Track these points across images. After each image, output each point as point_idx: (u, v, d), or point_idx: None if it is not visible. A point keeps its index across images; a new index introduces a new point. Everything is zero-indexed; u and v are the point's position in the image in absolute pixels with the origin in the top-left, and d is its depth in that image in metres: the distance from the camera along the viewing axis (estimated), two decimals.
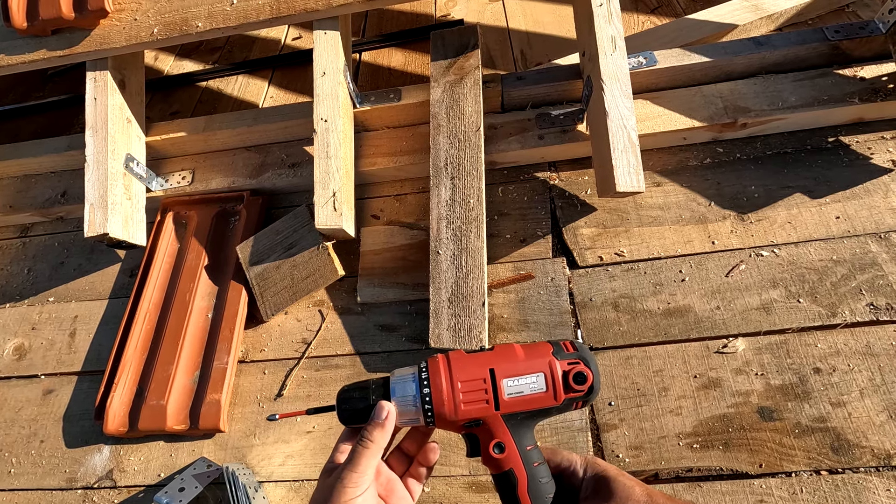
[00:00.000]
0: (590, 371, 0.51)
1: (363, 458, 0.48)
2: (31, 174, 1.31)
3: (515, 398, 0.51)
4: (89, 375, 1.07)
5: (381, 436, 0.49)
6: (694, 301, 0.92)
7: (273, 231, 1.07)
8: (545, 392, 0.51)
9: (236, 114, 1.23)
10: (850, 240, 0.92)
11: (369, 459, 0.48)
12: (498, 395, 0.51)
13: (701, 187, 1.02)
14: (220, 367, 0.98)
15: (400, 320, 1.00)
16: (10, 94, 1.77)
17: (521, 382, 0.51)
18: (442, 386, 0.51)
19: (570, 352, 0.53)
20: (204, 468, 0.90)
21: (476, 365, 0.52)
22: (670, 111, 1.05)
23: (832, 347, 0.84)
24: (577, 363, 0.51)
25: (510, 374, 0.51)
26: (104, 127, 1.08)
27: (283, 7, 1.02)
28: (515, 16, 1.52)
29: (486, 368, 0.51)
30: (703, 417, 0.83)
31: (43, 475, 0.97)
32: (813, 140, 1.03)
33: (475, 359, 0.52)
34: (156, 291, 1.09)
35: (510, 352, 0.53)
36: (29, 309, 1.17)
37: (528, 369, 0.51)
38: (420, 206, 1.13)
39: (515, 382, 0.51)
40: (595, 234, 1.02)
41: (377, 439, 0.49)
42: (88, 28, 1.07)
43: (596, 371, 0.52)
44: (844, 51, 1.04)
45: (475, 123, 1.03)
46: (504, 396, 0.50)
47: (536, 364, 0.51)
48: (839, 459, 0.76)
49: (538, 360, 0.52)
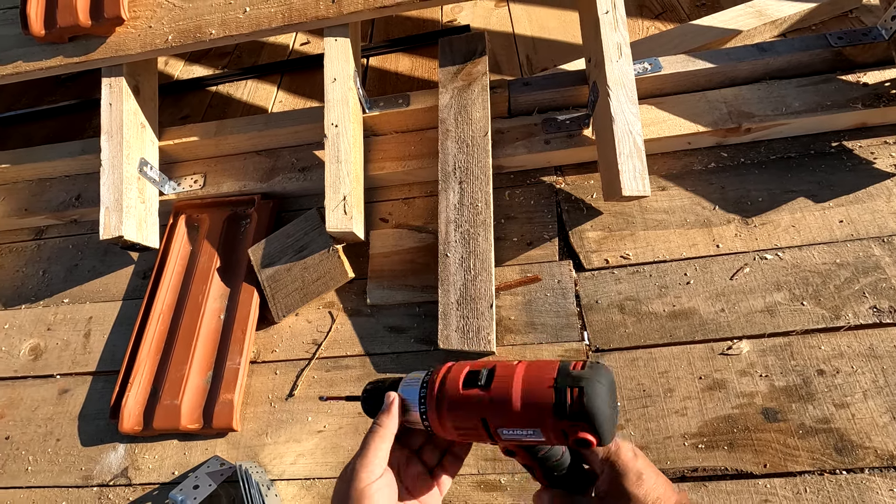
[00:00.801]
0: (593, 435, 0.43)
1: (372, 443, 0.49)
2: (45, 178, 1.34)
3: (513, 440, 0.47)
4: (104, 375, 1.09)
5: (388, 420, 0.50)
6: (699, 303, 0.93)
7: (284, 234, 1.09)
8: (544, 440, 0.46)
9: (247, 118, 1.25)
10: (853, 243, 0.93)
11: (378, 444, 0.49)
12: (493, 435, 0.47)
13: (705, 191, 1.04)
14: (232, 368, 1.00)
15: (409, 322, 1.02)
16: (24, 98, 1.80)
17: (518, 433, 0.46)
18: (435, 420, 0.49)
19: (573, 409, 0.43)
20: (217, 466, 0.92)
21: (469, 408, 0.47)
22: (675, 116, 1.06)
23: (836, 350, 0.85)
24: (579, 426, 0.43)
25: (504, 426, 0.46)
26: (119, 132, 1.11)
27: (295, 15, 1.04)
28: (521, 21, 1.54)
29: (478, 418, 0.47)
30: (708, 418, 0.84)
31: (59, 473, 0.99)
32: (816, 145, 1.05)
33: (468, 400, 0.47)
34: (169, 293, 1.11)
35: (506, 394, 0.46)
36: (44, 310, 1.20)
37: (523, 424, 0.45)
38: (428, 209, 1.15)
39: (511, 432, 0.46)
40: (601, 237, 1.03)
41: (385, 423, 0.50)
42: (104, 35, 1.10)
43: (603, 429, 0.43)
44: (847, 57, 1.05)
45: (483, 128, 1.04)
46: (502, 437, 0.47)
47: (532, 419, 0.45)
48: (843, 460, 0.77)
49: (534, 415, 0.44)
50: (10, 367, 1.13)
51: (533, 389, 0.45)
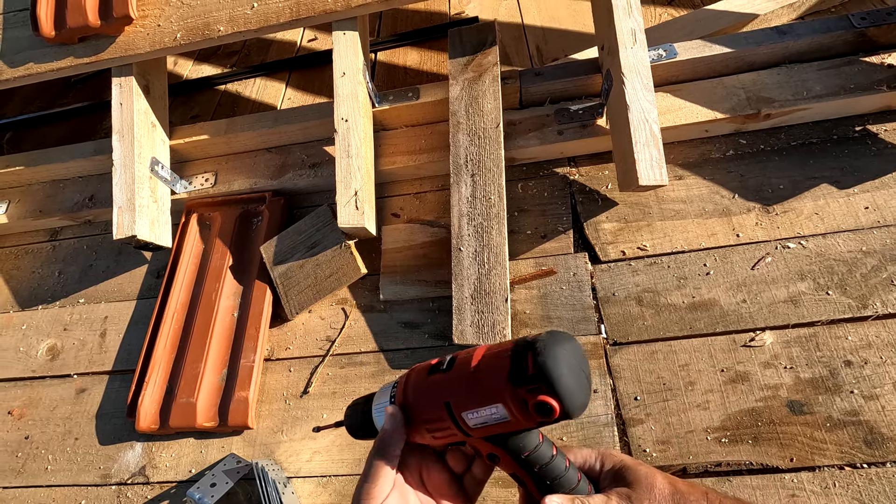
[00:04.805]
0: (554, 399, 0.40)
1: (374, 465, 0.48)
2: (59, 179, 1.35)
3: (482, 428, 0.44)
4: (120, 374, 1.09)
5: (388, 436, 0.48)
6: (719, 294, 0.91)
7: (296, 231, 1.08)
8: (510, 420, 0.43)
9: (257, 116, 1.24)
10: (879, 230, 0.90)
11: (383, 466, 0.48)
12: (462, 427, 0.45)
13: (724, 180, 1.01)
14: (247, 366, 0.99)
15: (422, 317, 1.01)
16: (37, 101, 1.81)
17: (483, 414, 0.43)
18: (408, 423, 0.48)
19: (529, 372, 0.41)
20: (234, 464, 0.92)
21: (432, 398, 0.46)
22: (691, 103, 1.04)
23: (863, 340, 0.83)
24: (538, 389, 0.40)
25: (467, 407, 0.44)
26: (130, 131, 1.11)
27: (303, 9, 1.03)
28: (530, 11, 1.52)
29: (442, 402, 0.45)
30: (731, 412, 0.82)
31: (78, 472, 1.00)
32: (839, 130, 1.02)
33: (432, 387, 0.46)
34: (182, 292, 1.11)
35: (465, 372, 0.45)
36: (60, 310, 1.21)
37: (485, 400, 0.43)
38: (439, 203, 1.13)
39: (476, 414, 0.43)
40: (617, 228, 1.01)
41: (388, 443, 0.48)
42: (114, 35, 1.10)
43: (566, 392, 0.40)
44: (871, 38, 1.02)
45: (494, 120, 1.03)
46: (470, 426, 0.44)
47: (492, 393, 0.43)
48: (873, 453, 0.75)
49: (493, 387, 0.43)
50: (28, 368, 1.15)
51: (490, 362, 0.44)
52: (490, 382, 0.43)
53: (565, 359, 0.41)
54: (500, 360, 0.43)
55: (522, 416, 0.42)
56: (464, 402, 0.44)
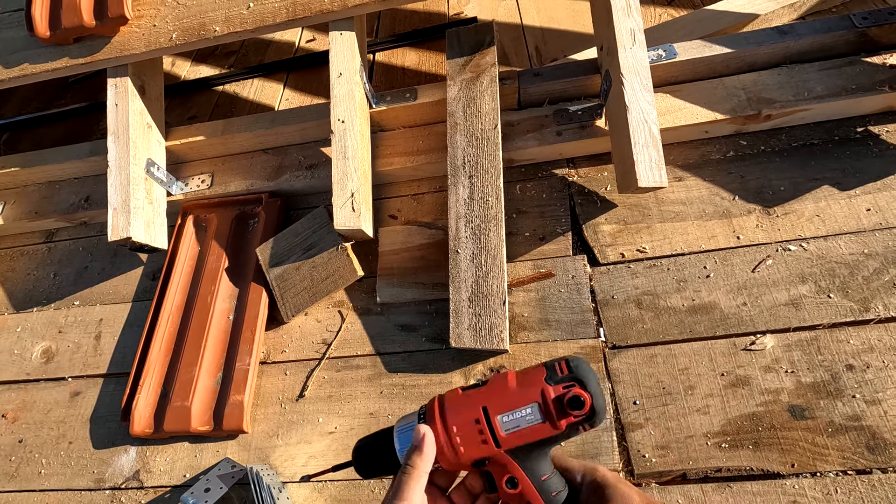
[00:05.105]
0: (587, 393, 0.47)
1: (406, 485, 0.48)
2: (55, 180, 1.34)
3: (513, 433, 0.48)
4: (115, 378, 1.08)
5: (421, 460, 0.49)
6: (719, 297, 0.90)
7: (292, 233, 1.07)
8: (542, 423, 0.48)
9: (253, 117, 1.24)
10: (881, 232, 0.89)
11: (413, 486, 0.48)
12: (495, 433, 0.49)
13: (724, 181, 1.00)
14: (242, 369, 0.98)
15: (420, 320, 1.00)
16: (34, 102, 1.80)
17: (517, 416, 0.48)
18: (438, 432, 0.50)
19: (563, 374, 0.49)
20: (228, 469, 0.91)
21: (469, 406, 0.50)
22: (691, 104, 1.03)
23: (865, 343, 0.81)
24: (572, 385, 0.48)
25: (503, 410, 0.49)
26: (125, 132, 1.10)
27: (299, 9, 1.02)
28: (529, 12, 1.51)
29: (479, 408, 0.49)
30: (731, 416, 0.81)
31: (72, 476, 0.99)
32: (840, 130, 1.01)
33: (468, 398, 0.51)
34: (178, 294, 1.11)
35: (502, 383, 0.50)
36: (55, 313, 1.20)
37: (521, 401, 0.48)
38: (437, 205, 1.12)
39: (510, 417, 0.48)
40: (616, 230, 1.00)
41: (417, 464, 0.49)
42: (109, 35, 1.09)
43: (595, 391, 0.48)
44: (873, 38, 1.01)
45: (492, 121, 1.02)
46: (501, 433, 0.48)
47: (529, 394, 0.49)
48: (875, 459, 0.74)
49: (530, 388, 0.49)
50: (22, 370, 1.14)
51: (525, 372, 0.51)
52: (527, 385, 0.49)
53: (590, 368, 0.50)
54: (535, 369, 0.50)
55: (556, 413, 0.47)
56: (500, 405, 0.49)
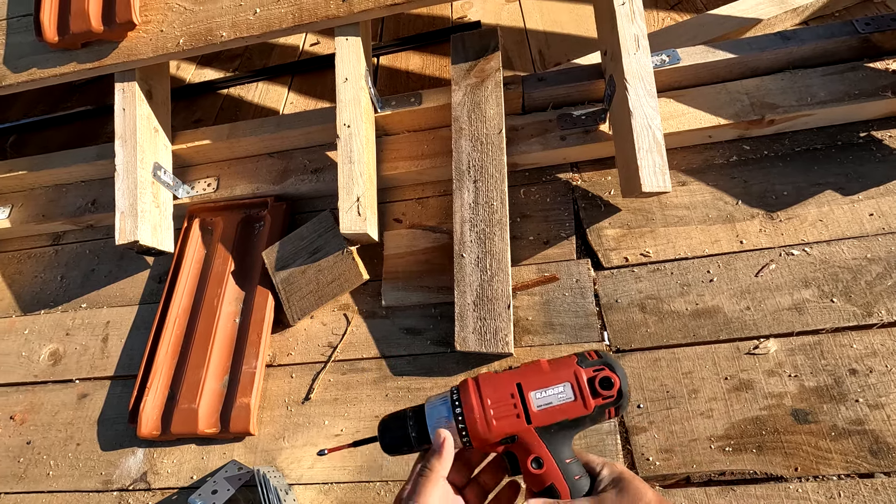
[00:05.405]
0: (616, 375, 0.52)
1: (424, 488, 0.50)
2: (62, 184, 1.35)
3: (545, 409, 0.52)
4: (122, 380, 1.09)
5: (440, 463, 0.51)
6: (723, 302, 0.90)
7: (298, 236, 1.08)
8: (574, 401, 0.52)
9: (259, 121, 1.24)
10: (884, 237, 0.90)
11: (431, 488, 0.50)
12: (528, 407, 0.52)
13: (727, 186, 1.01)
14: (248, 372, 0.99)
15: (425, 323, 1.01)
16: (40, 105, 1.82)
17: (549, 393, 0.52)
18: (473, 404, 0.52)
19: (594, 359, 0.54)
20: (235, 471, 0.92)
21: (504, 382, 0.53)
22: (695, 109, 1.03)
23: (868, 348, 0.82)
24: (602, 369, 0.52)
25: (537, 387, 0.52)
26: (133, 136, 1.11)
27: (306, 15, 1.03)
28: (533, 16, 1.52)
29: (514, 383, 0.53)
30: (734, 420, 0.81)
31: (80, 477, 1.00)
32: (843, 136, 1.01)
33: (503, 376, 0.54)
34: (184, 297, 1.11)
35: (536, 366, 0.54)
36: (63, 315, 1.21)
37: (554, 380, 0.52)
38: (442, 209, 1.13)
39: (543, 394, 0.52)
40: (620, 234, 1.01)
41: (436, 467, 0.51)
42: (117, 40, 1.10)
43: (623, 375, 0.52)
44: (875, 43, 1.01)
45: (497, 126, 1.02)
46: (533, 409, 0.52)
47: (562, 374, 0.53)
48: (878, 463, 0.75)
49: (563, 370, 0.53)
50: (30, 373, 1.15)
51: (558, 358, 0.55)
52: (560, 367, 0.53)
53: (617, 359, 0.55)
54: (566, 357, 0.55)
55: (588, 393, 0.51)
56: (534, 383, 0.52)
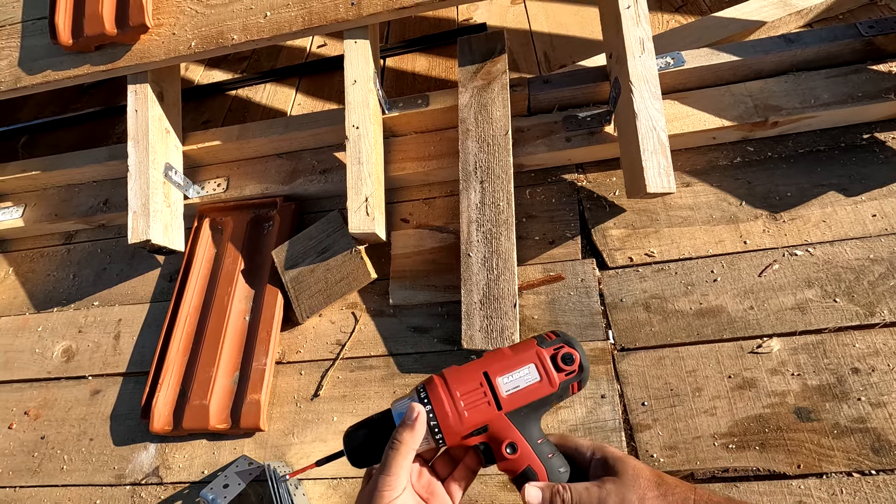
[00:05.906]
0: (575, 350, 0.56)
1: (394, 460, 0.50)
2: (74, 184, 1.37)
3: (514, 393, 0.54)
4: (134, 376, 1.11)
5: (411, 436, 0.51)
6: (727, 301, 0.92)
7: (307, 236, 1.10)
8: (540, 381, 0.54)
9: (268, 122, 1.26)
10: (887, 238, 0.91)
11: (401, 461, 0.49)
12: (496, 394, 0.54)
13: (731, 187, 1.02)
14: (258, 369, 1.01)
15: (432, 322, 1.02)
16: (50, 106, 1.84)
17: (516, 377, 0.54)
18: (442, 398, 0.53)
19: (553, 339, 0.57)
20: (246, 465, 0.93)
21: (470, 373, 0.55)
22: (699, 111, 1.04)
23: (871, 347, 0.83)
24: (562, 346, 0.56)
25: (503, 372, 0.54)
26: (145, 137, 1.13)
27: (315, 18, 1.05)
28: (538, 18, 1.53)
29: (480, 372, 0.55)
30: (738, 418, 0.83)
31: (93, 472, 1.02)
32: (847, 137, 1.02)
33: (468, 367, 0.56)
34: (195, 295, 1.13)
35: (499, 354, 0.57)
36: (75, 313, 1.23)
37: (519, 363, 0.55)
38: (448, 209, 1.15)
39: (510, 378, 0.54)
40: (624, 234, 1.02)
41: (406, 440, 0.50)
42: (129, 43, 1.12)
43: (581, 351, 0.56)
44: (879, 46, 1.02)
45: (504, 127, 1.04)
46: (503, 394, 0.54)
47: (525, 357, 0.55)
48: (880, 461, 0.76)
49: (526, 353, 0.56)
50: (44, 369, 1.17)
51: (518, 343, 0.58)
52: (522, 351, 0.56)
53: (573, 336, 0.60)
54: (525, 340, 0.58)
55: (553, 371, 0.54)
56: (500, 369, 0.55)
